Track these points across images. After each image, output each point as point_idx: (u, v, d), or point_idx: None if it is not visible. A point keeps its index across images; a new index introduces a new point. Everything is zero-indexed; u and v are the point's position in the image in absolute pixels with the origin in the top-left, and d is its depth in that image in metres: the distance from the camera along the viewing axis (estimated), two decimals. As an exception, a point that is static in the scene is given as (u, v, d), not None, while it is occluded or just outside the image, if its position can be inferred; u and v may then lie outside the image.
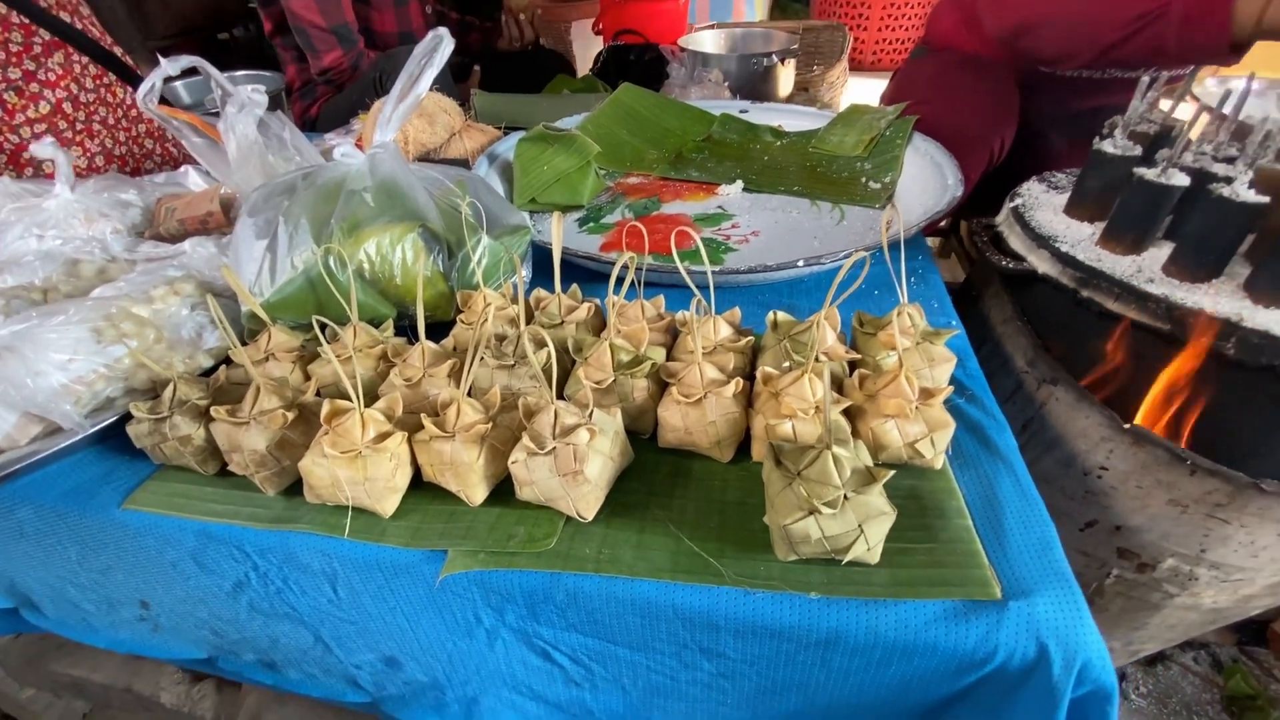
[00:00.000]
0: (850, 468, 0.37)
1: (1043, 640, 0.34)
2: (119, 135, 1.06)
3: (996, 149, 1.00)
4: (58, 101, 0.96)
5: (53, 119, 0.95)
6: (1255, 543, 0.65)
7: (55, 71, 0.95)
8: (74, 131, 0.99)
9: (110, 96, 1.04)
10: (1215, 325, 0.58)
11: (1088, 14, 0.82)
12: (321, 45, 1.31)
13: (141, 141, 1.10)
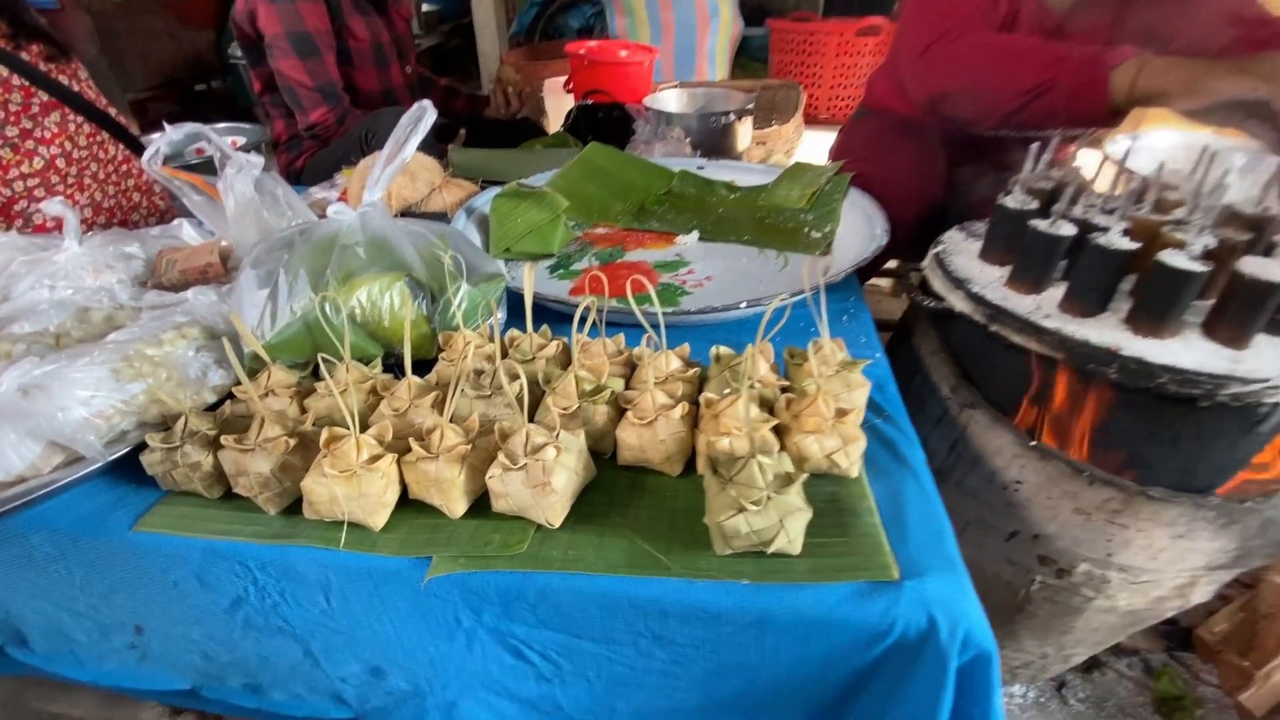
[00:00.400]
0: (773, 473, 0.44)
1: (932, 612, 0.41)
2: (108, 189, 1.11)
3: (927, 202, 1.12)
4: (51, 158, 1.01)
5: (45, 174, 1.01)
6: (1153, 545, 0.74)
7: (51, 130, 1.01)
8: (65, 185, 1.04)
9: (102, 153, 1.09)
10: (1098, 353, 0.67)
11: (991, 86, 0.94)
12: (308, 103, 1.39)
13: (130, 195, 1.16)
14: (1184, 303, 0.66)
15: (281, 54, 1.33)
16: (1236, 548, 0.74)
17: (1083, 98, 0.86)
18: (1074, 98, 0.87)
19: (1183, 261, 0.64)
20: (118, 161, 1.12)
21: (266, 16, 1.31)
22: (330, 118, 1.41)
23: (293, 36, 1.31)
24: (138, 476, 0.54)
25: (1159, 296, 0.67)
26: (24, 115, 0.98)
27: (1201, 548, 0.73)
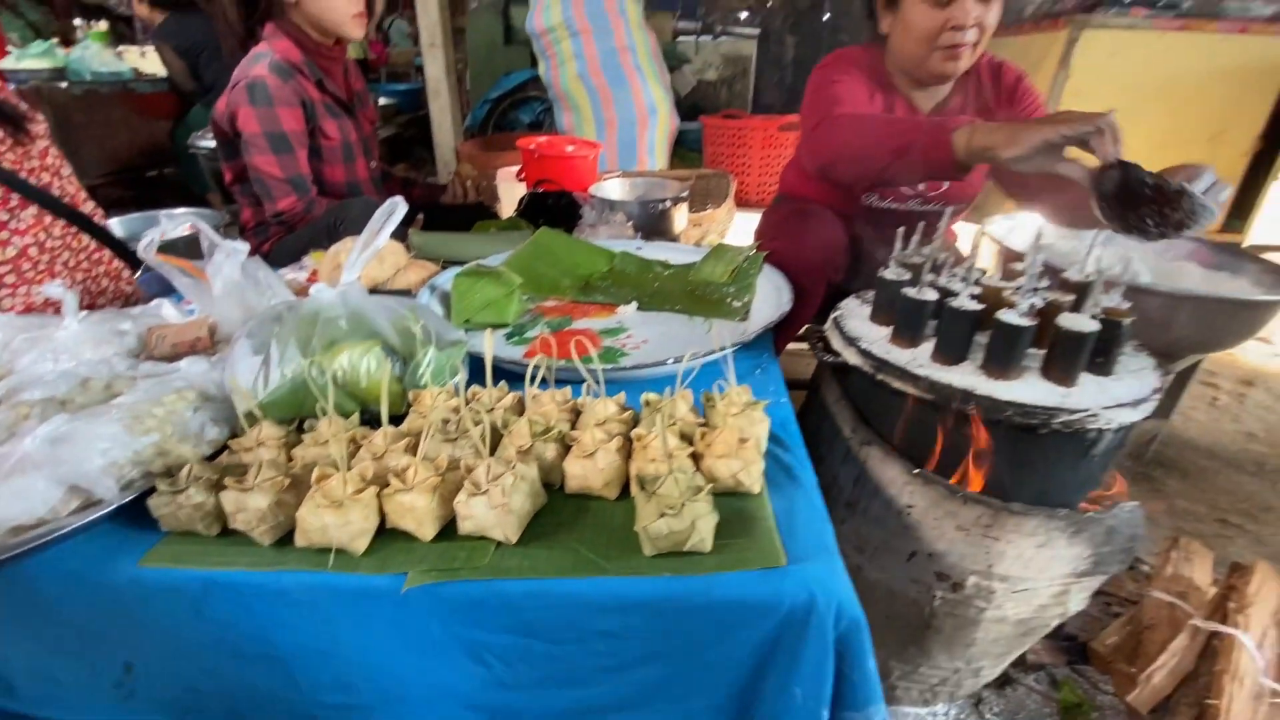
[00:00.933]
0: (686, 485, 0.56)
1: (811, 589, 0.53)
2: (77, 275, 1.17)
3: (832, 273, 1.30)
4: (24, 247, 1.07)
5: (18, 261, 1.07)
6: (1022, 555, 0.87)
7: (27, 221, 1.08)
8: (36, 272, 1.11)
9: (75, 242, 1.16)
10: (959, 394, 0.83)
11: (864, 151, 1.12)
12: (278, 193, 1.51)
13: (98, 280, 1.22)
14: (1020, 351, 0.83)
15: (258, 151, 1.45)
16: (1091, 554, 0.88)
17: (934, 156, 1.03)
18: (927, 155, 1.04)
19: (1014, 318, 0.81)
20: (89, 250, 1.19)
21: (246, 118, 1.44)
22: (298, 206, 1.52)
23: (269, 136, 1.45)
24: (139, 521, 0.61)
25: (1000, 347, 0.83)
26: (2, 209, 1.05)
27: (1061, 555, 0.87)
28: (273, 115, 1.43)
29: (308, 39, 1.50)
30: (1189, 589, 1.24)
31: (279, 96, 1.43)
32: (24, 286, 1.07)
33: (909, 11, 1.20)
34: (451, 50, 3.23)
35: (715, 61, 3.95)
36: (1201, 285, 1.55)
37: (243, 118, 1.44)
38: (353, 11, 1.48)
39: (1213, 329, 1.41)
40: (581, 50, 2.86)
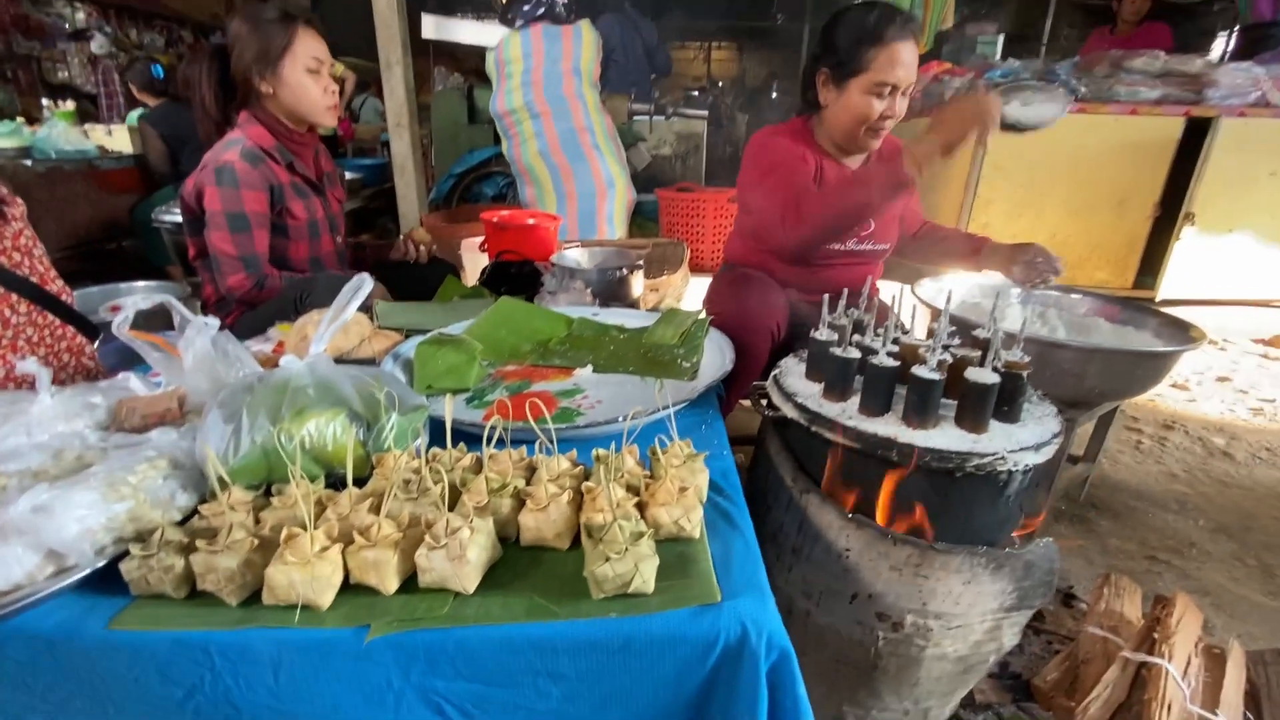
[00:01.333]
0: (630, 532, 0.62)
1: (744, 622, 0.58)
2: (40, 350, 1.20)
3: (774, 333, 1.41)
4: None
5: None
6: (952, 592, 0.94)
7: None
8: (0, 347, 1.14)
9: (40, 319, 1.20)
10: (883, 442, 0.91)
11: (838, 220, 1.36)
12: (227, 269, 1.55)
13: (60, 356, 1.25)
14: (934, 402, 0.93)
15: (216, 228, 1.51)
16: (1014, 589, 0.96)
17: (895, 188, 1.27)
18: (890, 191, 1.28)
19: (925, 373, 0.91)
20: (53, 326, 1.22)
21: (211, 196, 1.50)
22: (246, 284, 1.55)
23: (229, 215, 1.50)
24: (108, 587, 0.64)
25: (916, 398, 0.93)
26: None
27: (987, 590, 0.94)
28: (236, 196, 1.49)
29: (280, 126, 1.60)
30: (1120, 623, 1.32)
31: (245, 180, 1.51)
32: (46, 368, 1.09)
33: (852, 97, 1.42)
34: (417, 128, 3.39)
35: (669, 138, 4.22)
36: (1110, 339, 1.70)
37: (208, 196, 1.50)
38: (327, 104, 1.60)
39: (1122, 378, 1.55)
40: (542, 130, 3.05)
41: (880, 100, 1.40)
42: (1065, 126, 2.80)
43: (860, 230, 1.57)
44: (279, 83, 1.54)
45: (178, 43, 8.33)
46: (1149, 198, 2.90)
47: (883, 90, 1.38)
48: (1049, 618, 1.45)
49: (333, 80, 1.61)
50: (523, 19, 3.29)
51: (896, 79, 1.37)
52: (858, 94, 1.41)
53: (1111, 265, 3.04)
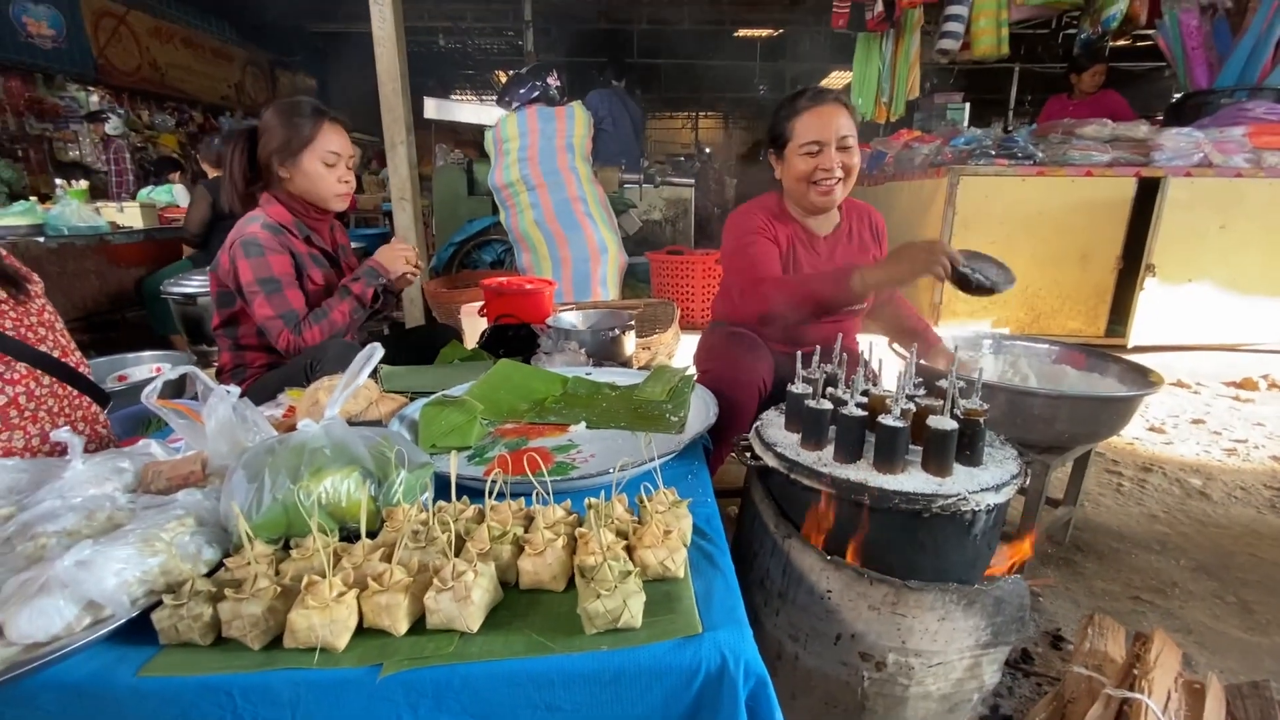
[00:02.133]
0: (619, 571, 0.68)
1: (723, 651, 0.64)
2: (59, 420, 1.27)
3: (761, 389, 1.49)
4: (14, 396, 1.17)
5: (6, 409, 1.16)
6: (929, 629, 0.99)
7: (20, 372, 1.18)
8: (21, 418, 1.20)
9: (60, 390, 1.27)
10: (855, 486, 0.98)
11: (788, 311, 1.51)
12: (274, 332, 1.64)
13: (76, 425, 1.32)
14: (899, 448, 1.01)
15: (255, 298, 1.62)
16: (987, 625, 1.01)
17: (840, 299, 1.45)
18: (836, 299, 1.46)
19: (889, 421, 0.99)
20: (72, 397, 1.30)
21: (243, 270, 1.62)
22: (292, 338, 1.64)
23: (261, 281, 1.62)
24: (137, 638, 0.69)
25: (884, 445, 1.00)
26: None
27: (961, 626, 0.99)
28: (265, 263, 1.62)
29: (297, 205, 1.73)
30: (1105, 661, 1.35)
31: (269, 247, 1.64)
32: (7, 432, 1.15)
33: (790, 161, 1.63)
34: (419, 201, 3.57)
35: (659, 204, 4.43)
36: (1077, 385, 1.80)
37: (241, 271, 1.61)
38: (338, 191, 1.75)
39: (1090, 422, 1.63)
40: (538, 201, 3.22)
41: (812, 157, 1.57)
42: (1026, 187, 3.00)
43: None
44: (297, 170, 1.69)
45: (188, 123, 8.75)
46: (1111, 251, 3.06)
47: (812, 149, 1.57)
48: (1038, 660, 1.48)
49: (348, 170, 1.76)
50: (519, 101, 3.53)
51: (821, 135, 1.55)
52: (793, 157, 1.61)
53: (1083, 315, 3.18)
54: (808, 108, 1.57)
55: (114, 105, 7.55)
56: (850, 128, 1.59)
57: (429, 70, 11.07)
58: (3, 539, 0.78)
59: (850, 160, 1.60)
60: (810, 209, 1.69)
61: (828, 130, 1.56)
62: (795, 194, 1.67)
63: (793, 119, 1.59)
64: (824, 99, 1.58)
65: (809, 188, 1.61)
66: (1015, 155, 3.00)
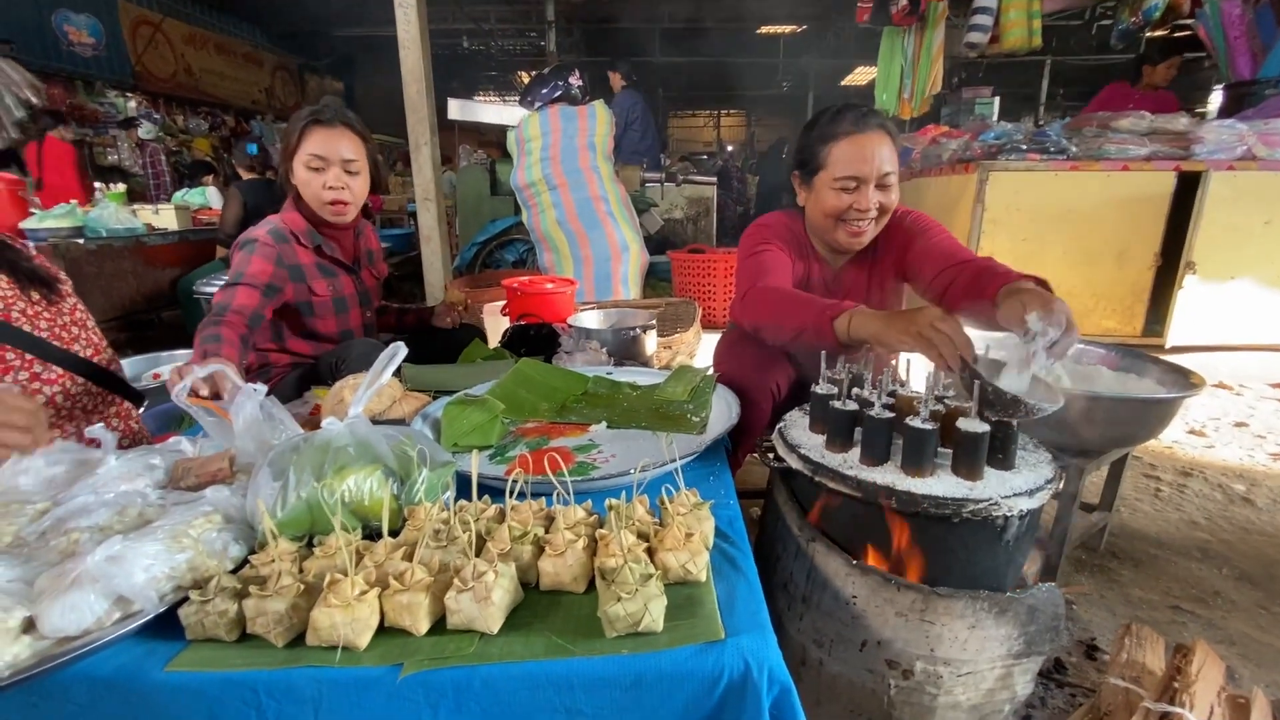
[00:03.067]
0: (640, 574, 0.67)
1: (746, 658, 0.63)
2: (93, 418, 1.30)
3: (775, 393, 1.47)
4: (51, 395, 1.20)
5: (45, 407, 1.20)
6: (958, 637, 0.96)
7: (56, 373, 1.21)
8: (59, 416, 1.23)
9: (93, 388, 1.30)
10: (882, 490, 0.96)
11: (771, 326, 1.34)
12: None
13: (110, 421, 1.35)
14: (928, 451, 0.98)
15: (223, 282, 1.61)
16: (1020, 634, 0.98)
17: (821, 340, 1.21)
18: (817, 338, 1.23)
19: (917, 423, 0.97)
20: (106, 395, 1.33)
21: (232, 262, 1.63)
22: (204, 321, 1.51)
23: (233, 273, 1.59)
24: (165, 632, 0.70)
25: (912, 448, 0.98)
26: (36, 362, 1.18)
27: (992, 635, 0.96)
28: (246, 258, 1.59)
29: (311, 212, 1.72)
30: (1143, 673, 1.30)
31: (261, 251, 1.61)
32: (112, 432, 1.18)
33: (820, 192, 1.44)
34: (442, 202, 3.60)
35: (680, 203, 4.41)
36: (1112, 387, 1.74)
37: (231, 263, 1.63)
38: (324, 199, 1.66)
39: (1127, 425, 1.58)
40: (560, 200, 3.23)
41: (847, 194, 1.39)
42: (1060, 182, 2.91)
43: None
44: (294, 176, 1.67)
45: (220, 126, 8.97)
46: (1149, 248, 2.97)
47: (848, 184, 1.38)
48: (1072, 670, 1.44)
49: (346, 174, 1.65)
50: (541, 101, 3.54)
51: (858, 172, 1.37)
52: (824, 190, 1.42)
53: (1119, 314, 3.08)
54: (848, 134, 1.37)
55: (150, 111, 7.77)
56: (893, 161, 1.40)
57: (453, 72, 11.21)
58: (38, 533, 0.80)
59: (888, 199, 1.41)
60: (834, 247, 1.53)
61: (868, 165, 1.36)
62: (819, 228, 1.50)
63: (829, 145, 1.40)
64: (868, 125, 1.38)
65: (837, 225, 1.44)
66: (1048, 150, 2.92)
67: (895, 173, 1.41)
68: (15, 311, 1.18)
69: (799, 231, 1.59)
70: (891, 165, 1.39)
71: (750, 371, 1.41)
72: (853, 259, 1.59)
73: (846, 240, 1.46)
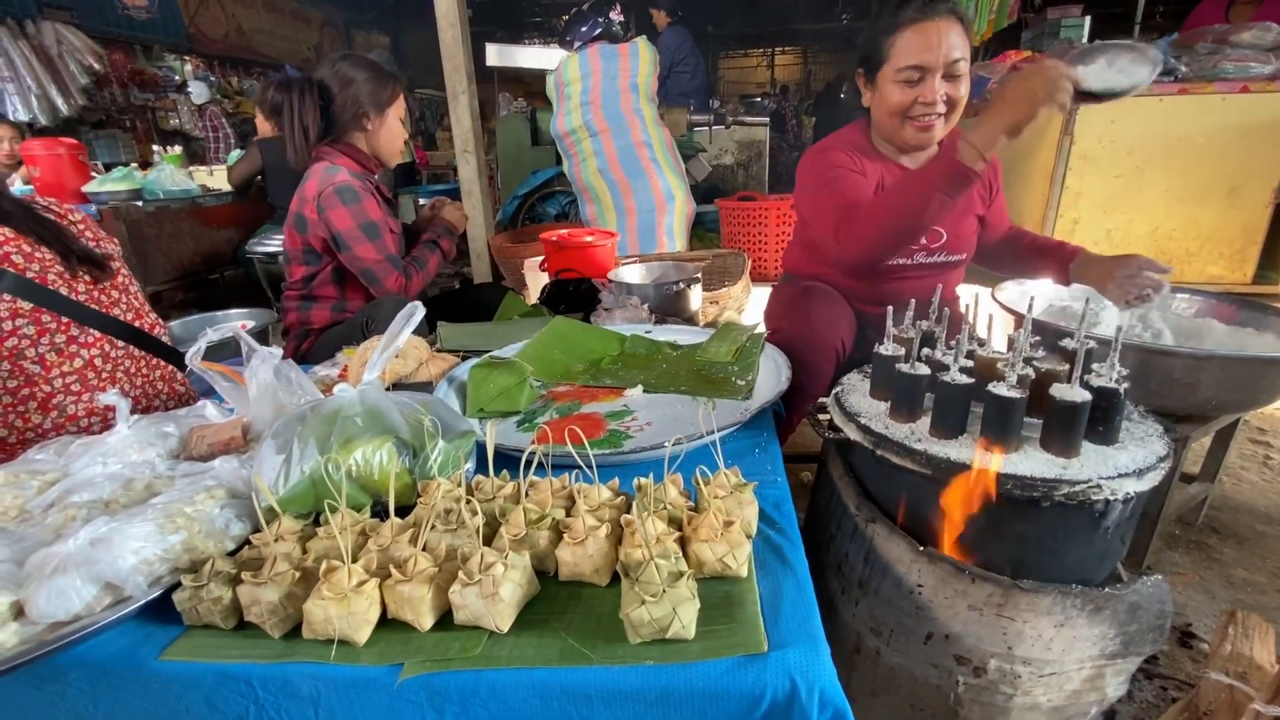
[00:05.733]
0: (667, 572, 0.58)
1: (793, 676, 0.53)
2: (136, 380, 1.28)
3: (840, 350, 1.33)
4: (90, 358, 1.18)
5: (84, 371, 1.17)
6: (1042, 636, 0.84)
7: (93, 335, 1.19)
8: (99, 380, 1.21)
9: (134, 350, 1.28)
10: (957, 468, 0.83)
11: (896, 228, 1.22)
12: (382, 274, 1.66)
13: (154, 384, 1.33)
14: (1014, 423, 0.84)
15: (356, 242, 1.61)
16: (1117, 633, 0.85)
17: (956, 182, 1.14)
18: (951, 187, 1.15)
19: (1003, 390, 0.82)
20: (147, 358, 1.31)
21: (340, 217, 1.61)
22: (401, 280, 1.67)
23: (363, 226, 1.61)
24: (163, 616, 0.66)
25: (994, 420, 0.84)
26: (73, 325, 1.16)
27: (1084, 635, 0.84)
28: (361, 209, 1.61)
29: (361, 158, 1.70)
30: (1250, 669, 1.15)
31: (363, 193, 1.63)
32: (88, 394, 1.18)
33: (884, 89, 1.34)
34: (483, 154, 3.49)
35: (730, 147, 4.16)
36: (1226, 343, 1.51)
37: (337, 218, 1.60)
38: (401, 149, 1.78)
39: (1243, 388, 1.37)
40: (601, 148, 3.07)
41: (911, 87, 1.30)
42: (1165, 109, 2.56)
43: (930, 240, 1.45)
44: (383, 124, 1.70)
45: (272, 86, 9.05)
46: (1267, 182, 2.59)
47: (911, 76, 1.29)
48: (1164, 660, 1.29)
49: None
50: (580, 40, 3.34)
51: (922, 61, 1.27)
52: (887, 85, 1.33)
53: (1226, 259, 2.73)
54: (912, 21, 1.27)
55: (206, 74, 7.88)
56: (963, 48, 1.28)
57: (496, 18, 10.90)
58: (44, 505, 0.76)
59: (957, 92, 1.31)
60: (903, 147, 1.42)
61: (934, 53, 1.26)
62: (886, 129, 1.40)
63: (891, 35, 1.29)
64: (934, 10, 1.26)
65: (903, 123, 1.34)
66: (1152, 71, 2.55)
67: (966, 60, 1.29)
68: (52, 274, 1.15)
69: (863, 143, 1.46)
70: (962, 52, 1.28)
71: (811, 330, 1.28)
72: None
73: (915, 137, 1.36)
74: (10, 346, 1.04)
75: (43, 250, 1.13)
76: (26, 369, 1.07)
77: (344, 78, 1.65)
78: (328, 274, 1.73)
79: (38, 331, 1.09)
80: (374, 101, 1.68)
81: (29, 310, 1.06)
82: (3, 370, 1.05)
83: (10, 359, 1.05)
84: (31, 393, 1.08)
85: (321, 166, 1.65)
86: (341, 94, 1.66)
